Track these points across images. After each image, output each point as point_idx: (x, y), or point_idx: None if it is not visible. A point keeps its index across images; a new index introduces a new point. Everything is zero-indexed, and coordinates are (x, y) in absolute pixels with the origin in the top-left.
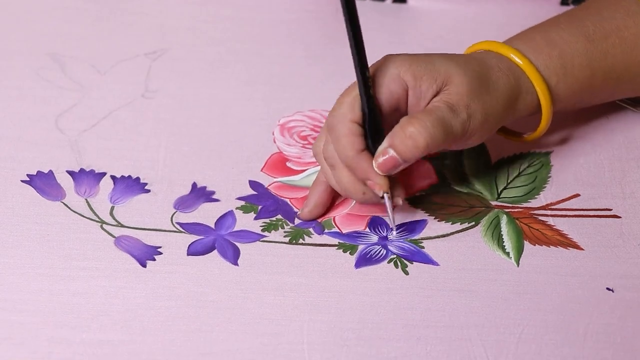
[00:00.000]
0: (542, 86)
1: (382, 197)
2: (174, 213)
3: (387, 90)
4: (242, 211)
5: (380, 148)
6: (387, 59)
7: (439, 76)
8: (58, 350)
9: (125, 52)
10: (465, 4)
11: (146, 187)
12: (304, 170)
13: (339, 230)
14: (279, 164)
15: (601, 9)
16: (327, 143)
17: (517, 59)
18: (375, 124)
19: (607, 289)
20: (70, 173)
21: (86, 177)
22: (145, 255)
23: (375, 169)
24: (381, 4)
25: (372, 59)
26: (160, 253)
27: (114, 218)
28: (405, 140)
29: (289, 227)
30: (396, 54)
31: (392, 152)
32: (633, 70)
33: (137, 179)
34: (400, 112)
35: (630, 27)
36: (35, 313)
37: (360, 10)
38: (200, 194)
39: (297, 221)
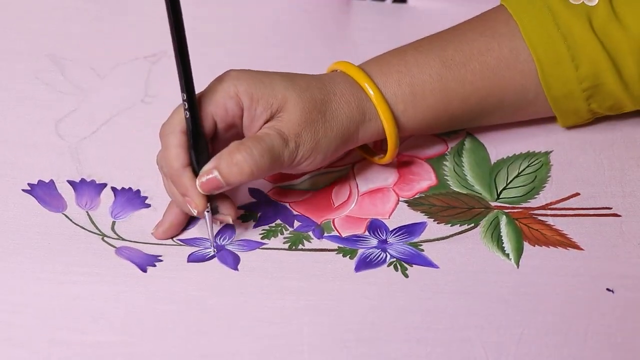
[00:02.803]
0: (387, 114)
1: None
2: None
3: (223, 108)
4: (241, 220)
5: (205, 168)
6: (228, 75)
7: (275, 101)
8: (58, 352)
9: (125, 55)
10: (465, 4)
11: (146, 202)
12: (303, 175)
13: (338, 234)
14: None
15: (468, 30)
16: (161, 151)
17: (368, 88)
18: (199, 141)
19: (607, 289)
20: (71, 183)
21: (87, 189)
22: (146, 262)
23: (198, 187)
24: (381, 4)
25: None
26: (161, 260)
27: (115, 233)
28: (231, 166)
29: (288, 232)
30: (238, 70)
31: (216, 174)
32: (496, 95)
33: (138, 192)
34: (236, 129)
35: (494, 49)
36: (36, 315)
37: (360, 10)
38: None
39: (296, 224)
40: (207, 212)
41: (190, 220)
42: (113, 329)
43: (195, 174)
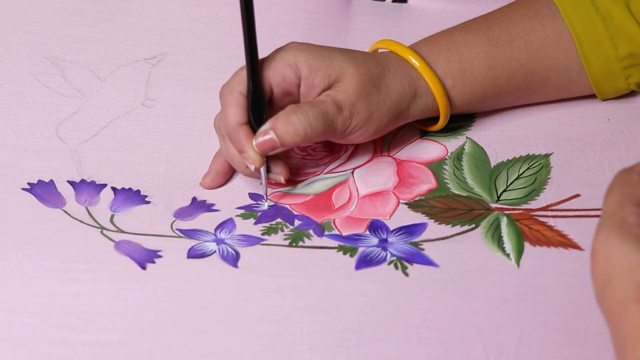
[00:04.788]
0: (439, 87)
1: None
2: (174, 221)
3: (281, 75)
4: (241, 218)
5: (262, 128)
6: (290, 46)
7: (332, 72)
8: (57, 351)
9: (125, 57)
10: (465, 4)
11: (146, 199)
12: (303, 181)
13: (339, 233)
14: None
15: (512, 12)
16: (220, 111)
17: (415, 61)
18: (258, 101)
19: None
20: (71, 183)
21: (87, 187)
22: (145, 258)
23: (254, 147)
24: (381, 4)
25: None
26: (160, 256)
27: (114, 225)
28: (287, 127)
29: (288, 229)
30: (300, 43)
31: (272, 134)
32: (541, 74)
33: (138, 191)
34: (292, 97)
35: (538, 29)
36: (35, 314)
37: (360, 10)
38: (200, 206)
39: (296, 223)
40: (262, 167)
41: (234, 172)
42: (113, 328)
43: (253, 132)
